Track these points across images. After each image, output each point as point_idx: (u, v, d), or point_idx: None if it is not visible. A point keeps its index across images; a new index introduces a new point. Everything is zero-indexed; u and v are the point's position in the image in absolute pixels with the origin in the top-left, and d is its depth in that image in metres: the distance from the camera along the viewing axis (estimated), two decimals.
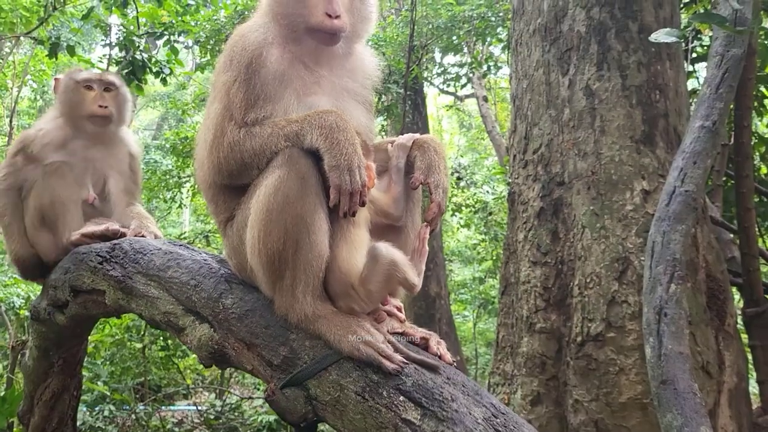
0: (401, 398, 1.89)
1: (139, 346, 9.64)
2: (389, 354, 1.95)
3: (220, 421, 9.36)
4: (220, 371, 12.03)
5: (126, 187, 3.59)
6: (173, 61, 11.68)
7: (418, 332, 2.15)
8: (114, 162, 3.60)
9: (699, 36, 6.23)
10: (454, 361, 2.11)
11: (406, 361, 1.96)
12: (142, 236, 3.08)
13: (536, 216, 5.01)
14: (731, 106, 4.64)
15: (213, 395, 11.17)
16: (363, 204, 2.02)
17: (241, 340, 2.18)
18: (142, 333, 9.51)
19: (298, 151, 2.06)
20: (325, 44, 2.32)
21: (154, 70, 10.38)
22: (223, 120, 2.21)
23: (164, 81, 10.84)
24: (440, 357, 2.12)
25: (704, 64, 4.94)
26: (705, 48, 6.42)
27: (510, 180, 5.48)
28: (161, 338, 10.00)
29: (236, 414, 9.59)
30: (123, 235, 3.14)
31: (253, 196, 2.12)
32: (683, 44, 5.48)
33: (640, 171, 4.65)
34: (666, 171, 4.63)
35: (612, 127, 4.76)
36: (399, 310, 2.18)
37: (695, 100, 4.48)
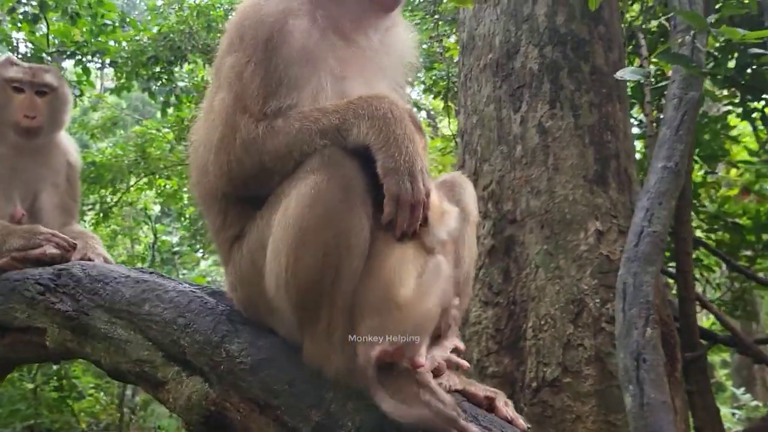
0: None
1: (30, 386, 8.69)
2: (462, 425, 1.50)
3: None
4: (118, 414, 11.07)
5: (62, 202, 2.99)
6: (84, 82, 10.93)
7: (481, 390, 1.78)
8: (48, 173, 3.02)
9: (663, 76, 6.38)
10: (528, 428, 1.76)
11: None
12: (89, 260, 2.45)
13: (487, 254, 4.82)
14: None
15: None
16: (426, 221, 1.62)
17: (252, 399, 1.67)
18: (34, 372, 8.59)
19: (340, 151, 1.64)
20: (386, 10, 1.92)
21: None
22: (234, 113, 1.74)
23: (73, 102, 10.04)
24: (510, 422, 1.76)
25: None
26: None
27: None
28: (55, 378, 9.12)
29: None
30: (66, 259, 2.50)
31: (278, 210, 1.66)
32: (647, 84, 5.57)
33: (593, 211, 4.59)
34: (618, 212, 4.59)
35: (565, 166, 4.69)
36: (458, 353, 1.77)
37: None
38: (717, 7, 6.06)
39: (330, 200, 1.58)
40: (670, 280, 6.01)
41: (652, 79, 6.57)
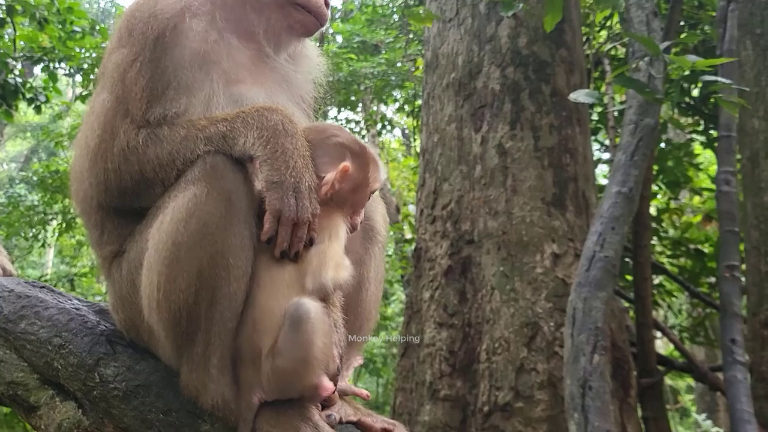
0: None
1: None
2: None
3: None
4: None
5: None
6: (50, 89, 10.76)
7: (379, 421, 1.61)
8: None
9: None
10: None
11: None
12: None
13: (443, 275, 4.76)
14: None
15: None
16: (311, 243, 1.48)
17: (126, 429, 1.55)
18: None
19: (224, 160, 1.49)
20: (302, 34, 1.81)
21: (28, 96, 9.47)
22: (115, 116, 1.59)
23: (38, 109, 9.89)
24: None
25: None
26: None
27: (417, 235, 5.23)
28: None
29: None
30: None
31: (154, 224, 1.52)
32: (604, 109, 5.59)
33: (550, 233, 4.55)
34: (575, 235, 4.57)
35: (524, 187, 4.66)
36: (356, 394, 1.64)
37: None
38: (681, 35, 6.16)
39: (208, 215, 1.44)
40: (629, 305, 6.00)
41: (617, 104, 6.64)
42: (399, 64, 11.89)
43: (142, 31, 1.63)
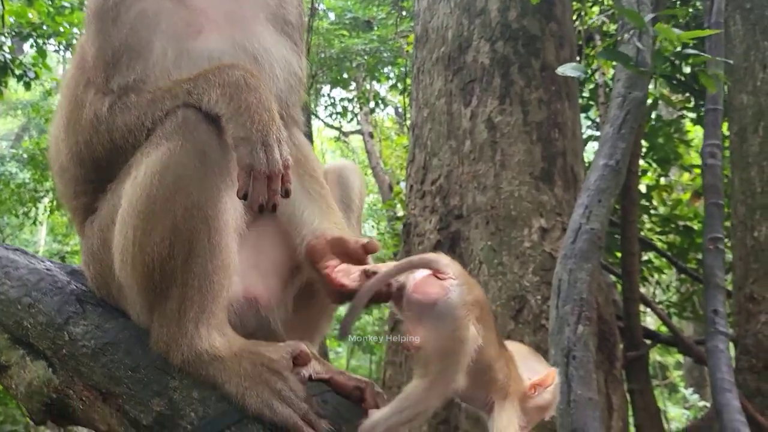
0: None
1: None
2: (313, 419, 1.42)
3: None
4: None
5: None
6: (40, 65, 10.66)
7: (352, 380, 1.61)
8: None
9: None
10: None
11: (333, 430, 1.44)
12: None
13: (432, 249, 4.78)
14: None
15: None
16: (287, 194, 1.45)
17: (94, 386, 1.54)
18: None
19: (195, 113, 1.48)
20: None
21: (17, 73, 9.39)
22: (80, 89, 1.60)
23: (27, 85, 9.80)
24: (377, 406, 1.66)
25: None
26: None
27: (406, 211, 5.25)
28: None
29: None
30: None
31: (128, 180, 1.52)
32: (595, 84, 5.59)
33: (538, 208, 4.58)
34: (563, 209, 4.59)
35: (513, 162, 4.67)
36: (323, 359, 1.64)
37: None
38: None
39: (182, 168, 1.44)
40: (617, 280, 6.06)
41: (608, 80, 6.63)
42: (391, 41, 11.82)
43: (95, 3, 1.63)
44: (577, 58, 5.61)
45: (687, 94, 7.87)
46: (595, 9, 7.77)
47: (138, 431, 1.49)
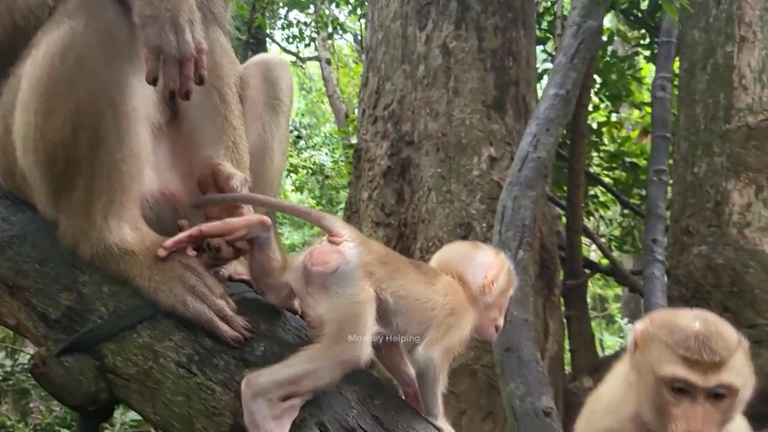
0: (246, 372, 1.35)
1: None
2: (228, 315, 1.40)
3: (10, 382, 8.20)
4: None
5: None
6: None
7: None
8: None
9: None
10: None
11: (250, 328, 1.43)
12: None
13: (382, 175, 4.78)
14: None
15: (2, 354, 9.81)
16: (201, 81, 1.35)
17: (1, 280, 1.49)
18: None
19: None
20: None
21: None
22: None
23: None
24: (302, 316, 1.58)
25: None
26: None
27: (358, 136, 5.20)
28: None
29: (29, 375, 8.44)
30: None
31: (28, 60, 1.41)
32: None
33: (488, 137, 4.59)
34: (513, 139, 4.62)
35: (465, 90, 4.64)
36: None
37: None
38: None
39: (86, 47, 1.34)
40: (562, 213, 6.19)
41: (567, 12, 6.57)
42: None
43: None
44: None
45: (642, 31, 7.89)
46: None
47: (47, 325, 1.46)
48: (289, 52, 16.84)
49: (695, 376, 1.40)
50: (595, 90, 7.09)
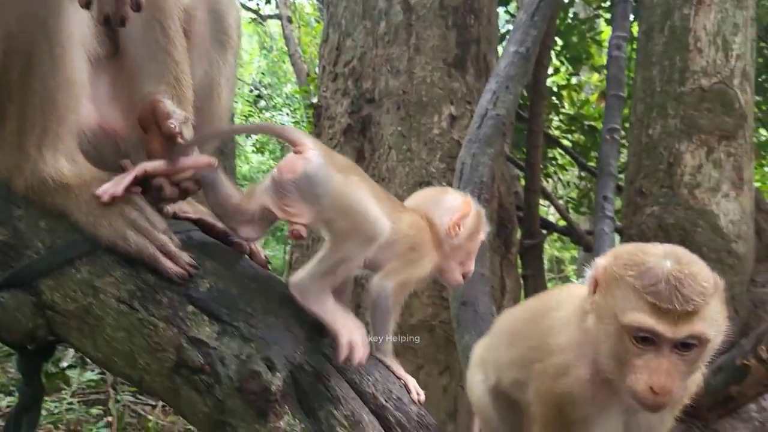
0: (190, 308, 1.36)
1: None
2: (172, 251, 1.38)
3: None
4: None
5: None
6: None
7: (221, 223, 1.54)
8: None
9: None
10: (268, 263, 1.67)
11: (195, 264, 1.40)
12: None
13: (343, 133, 4.74)
14: None
15: None
16: (138, 7, 1.27)
17: None
18: None
19: None
20: None
21: None
22: None
23: None
24: (251, 256, 1.60)
25: None
26: None
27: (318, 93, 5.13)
28: None
29: None
30: None
31: None
32: None
33: (449, 95, 4.58)
34: (473, 98, 4.62)
35: (427, 47, 4.60)
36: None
37: None
38: None
39: None
40: (521, 173, 6.26)
41: None
42: None
43: None
44: None
45: None
46: None
47: None
48: (249, 9, 16.40)
49: (664, 327, 1.22)
50: (556, 52, 7.13)
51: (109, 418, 6.15)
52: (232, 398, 1.33)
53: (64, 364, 6.31)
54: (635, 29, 5.75)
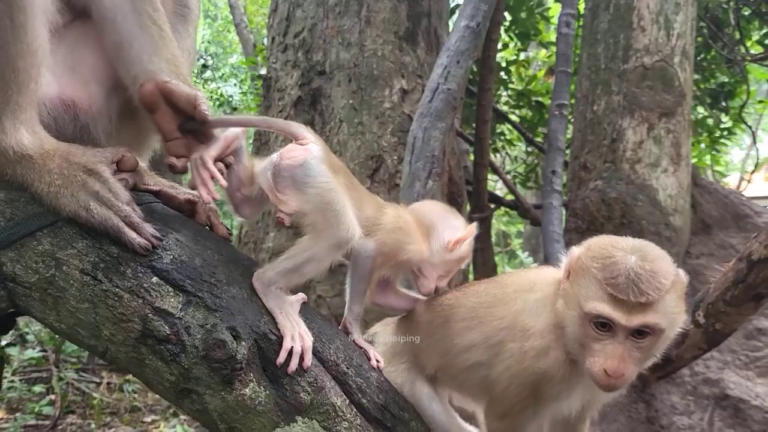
0: (154, 280, 1.37)
1: None
2: (136, 222, 1.38)
3: None
4: None
5: None
6: None
7: (184, 194, 1.57)
8: None
9: None
10: (230, 234, 1.68)
11: (159, 236, 1.41)
12: None
13: (293, 105, 4.70)
14: None
15: None
16: None
17: None
18: None
19: None
20: None
21: None
22: None
23: None
24: (211, 228, 1.62)
25: None
26: None
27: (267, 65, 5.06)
28: None
29: None
30: None
31: None
32: None
33: (400, 69, 4.59)
34: (424, 72, 4.64)
35: (378, 19, 4.58)
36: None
37: None
38: None
39: None
40: (471, 150, 6.35)
41: None
42: None
43: None
44: None
45: None
46: None
47: None
48: None
49: (619, 315, 1.36)
50: (505, 27, 7.20)
51: (53, 396, 6.03)
52: (198, 366, 1.35)
53: (3, 342, 6.13)
54: (582, 6, 5.88)
